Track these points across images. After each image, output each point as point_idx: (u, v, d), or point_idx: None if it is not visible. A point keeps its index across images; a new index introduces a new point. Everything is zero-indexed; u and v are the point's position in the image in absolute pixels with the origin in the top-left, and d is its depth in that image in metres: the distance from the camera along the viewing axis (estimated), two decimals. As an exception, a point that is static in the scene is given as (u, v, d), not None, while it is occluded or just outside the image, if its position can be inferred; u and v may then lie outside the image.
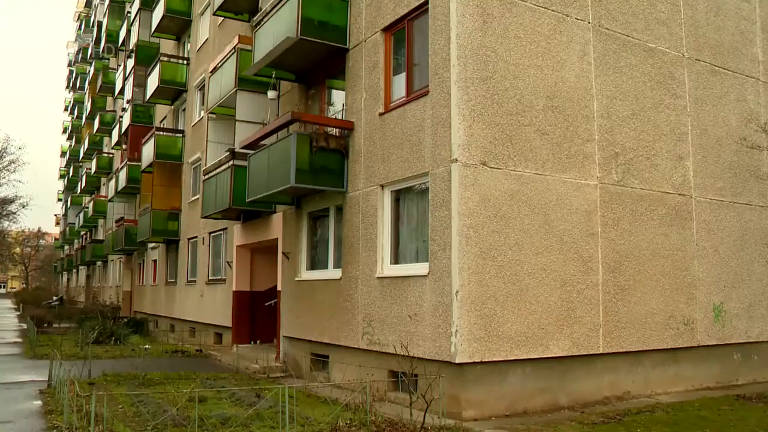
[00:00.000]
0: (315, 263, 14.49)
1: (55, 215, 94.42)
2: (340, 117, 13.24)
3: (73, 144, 65.54)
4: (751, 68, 14.40)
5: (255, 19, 15.14)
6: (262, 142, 14.43)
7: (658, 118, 12.46)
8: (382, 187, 11.58)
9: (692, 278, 12.64)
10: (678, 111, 12.81)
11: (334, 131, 12.83)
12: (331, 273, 13.26)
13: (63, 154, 77.43)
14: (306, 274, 14.48)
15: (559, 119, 10.91)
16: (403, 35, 11.60)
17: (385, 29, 11.90)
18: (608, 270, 11.28)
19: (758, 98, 14.42)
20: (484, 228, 9.83)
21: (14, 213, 51.88)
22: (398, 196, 11.52)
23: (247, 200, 14.57)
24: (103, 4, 46.44)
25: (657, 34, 12.67)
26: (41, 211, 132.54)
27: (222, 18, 20.41)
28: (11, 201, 50.25)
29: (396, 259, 11.41)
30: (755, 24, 14.63)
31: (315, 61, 13.95)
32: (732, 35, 14.15)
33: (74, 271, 65.38)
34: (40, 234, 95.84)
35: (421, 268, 10.35)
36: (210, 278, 21.29)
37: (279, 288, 15.42)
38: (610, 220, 11.41)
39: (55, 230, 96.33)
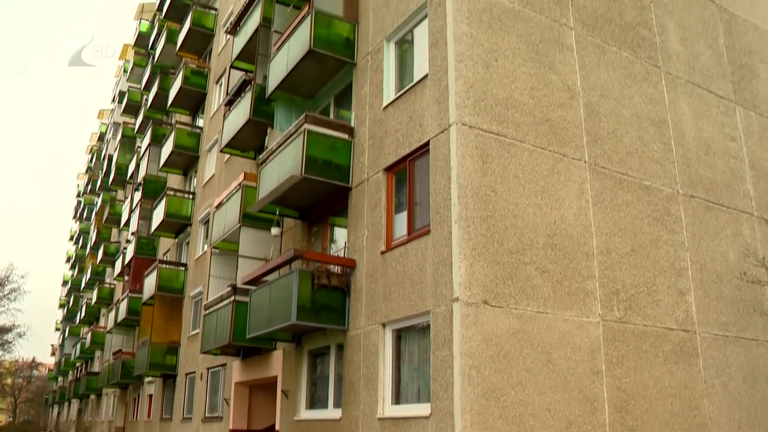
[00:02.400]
0: (315, 402, 14.16)
1: (52, 345, 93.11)
2: (342, 255, 13.38)
3: (75, 273, 65.71)
4: (744, 204, 14.68)
5: (261, 156, 15.62)
6: (264, 279, 14.48)
7: (657, 254, 12.56)
8: (384, 325, 11.52)
9: (703, 418, 12.29)
10: (676, 246, 12.94)
11: (336, 269, 12.92)
12: (331, 413, 12.93)
13: (65, 283, 77.47)
14: (305, 414, 14.11)
15: (559, 257, 11.00)
16: (404, 175, 11.92)
17: (387, 169, 12.25)
18: (615, 410, 10.99)
19: (754, 233, 14.60)
20: (487, 368, 9.68)
21: (10, 342, 51.26)
22: (400, 335, 11.43)
23: (247, 336, 14.45)
24: (115, 139, 48.07)
25: (651, 172, 13.01)
26: (37, 340, 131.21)
27: (228, 155, 21.05)
28: (8, 330, 49.79)
29: (397, 399, 11.16)
30: (744, 162, 15.05)
31: (318, 199, 14.27)
32: (723, 173, 14.53)
33: (66, 404, 63.68)
34: (34, 364, 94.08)
35: (422, 409, 10.11)
36: (206, 415, 20.72)
37: (277, 427, 14.97)
38: (615, 358, 11.24)
39: (50, 361, 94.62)
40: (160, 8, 35.65)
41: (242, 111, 17.79)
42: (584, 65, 12.66)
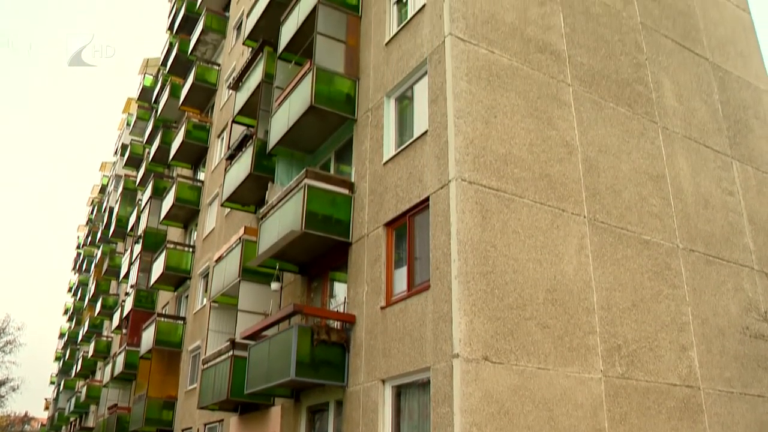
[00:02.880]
0: (314, 459, 13.91)
1: (45, 399, 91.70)
2: (341, 310, 13.32)
3: (72, 326, 65.21)
4: (744, 258, 14.67)
5: (261, 211, 15.68)
6: (264, 334, 14.38)
7: (659, 309, 12.51)
8: (383, 381, 11.38)
9: (709, 477, 12.06)
10: (678, 301, 12.89)
11: (336, 324, 12.84)
12: (331, 471, 12.69)
13: (61, 335, 76.79)
14: (304, 472, 13.85)
15: (560, 312, 10.95)
16: (404, 230, 11.95)
17: (387, 224, 12.29)
18: (620, 469, 10.79)
19: (755, 287, 14.56)
20: (488, 425, 9.54)
21: (2, 396, 50.57)
22: (399, 391, 11.29)
23: (245, 392, 14.26)
24: (117, 191, 48.31)
25: (651, 227, 13.05)
26: (31, 394, 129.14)
27: (229, 209, 21.14)
28: (2, 384, 49.17)
29: (398, 458, 10.97)
30: (742, 216, 15.10)
31: (318, 254, 14.27)
32: (722, 226, 14.57)
33: (60, 460, 62.47)
34: (26, 419, 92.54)
35: (424, 469, 9.93)
36: (203, 473, 20.31)
37: (275, 486, 14.68)
38: (617, 415, 11.09)
39: (43, 415, 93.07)
40: (164, 63, 36.23)
41: (243, 165, 17.93)
42: (582, 121, 12.82)
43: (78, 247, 76.54)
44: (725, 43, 17.34)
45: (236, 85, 20.17)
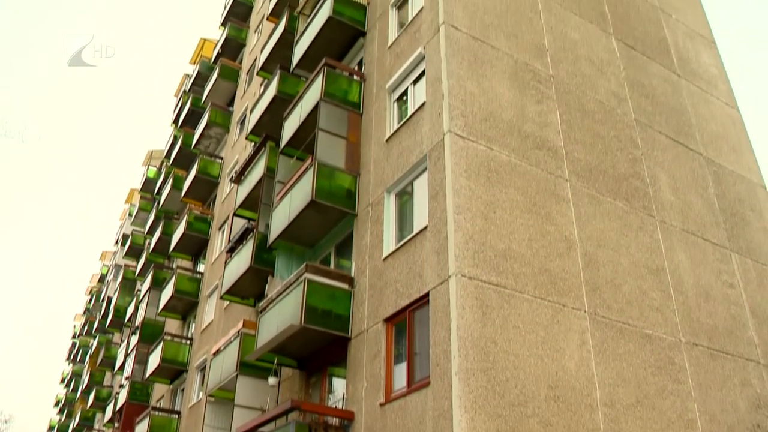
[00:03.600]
0: None
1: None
2: (340, 406, 13.05)
3: (63, 418, 63.68)
4: (749, 351, 14.50)
5: (260, 305, 15.60)
6: (260, 430, 14.05)
7: (664, 405, 12.26)
8: (384, 483, 11.05)
9: None
10: (683, 397, 12.65)
11: (334, 421, 12.56)
12: None
13: (51, 428, 74.83)
14: None
15: (562, 409, 10.74)
16: (404, 325, 11.87)
17: (387, 319, 12.21)
18: None
19: (763, 382, 14.31)
20: None
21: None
22: (400, 493, 10.93)
23: (241, 494, 13.81)
24: (116, 281, 48.18)
25: (652, 321, 12.96)
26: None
27: (228, 302, 21.04)
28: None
29: None
30: (744, 309, 15.02)
31: (317, 349, 14.12)
32: (725, 319, 14.46)
33: None
34: None
35: None
36: None
37: None
38: None
39: None
40: (168, 155, 36.88)
41: (243, 258, 17.98)
42: (580, 216, 12.95)
43: (74, 337, 75.62)
44: (717, 138, 17.72)
45: (238, 178, 20.47)
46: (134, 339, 31.81)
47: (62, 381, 76.69)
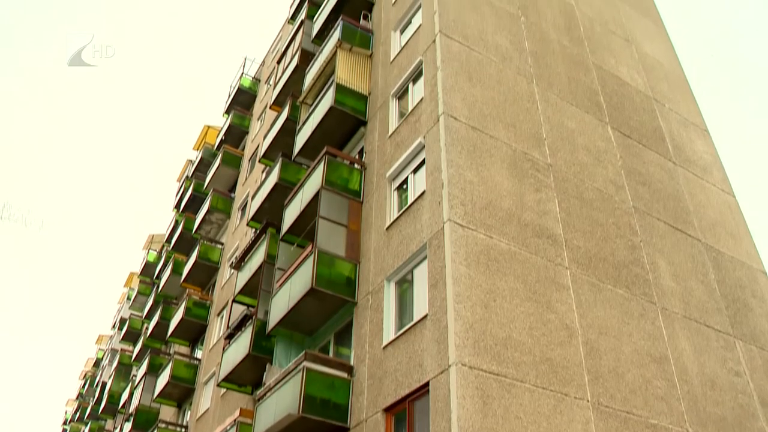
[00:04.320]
0: None
1: None
2: (339, 501, 12.65)
3: None
4: (760, 444, 14.15)
5: (258, 393, 15.33)
6: None
7: (673, 501, 11.88)
8: None
9: None
10: (692, 492, 12.27)
11: None
12: None
13: None
14: None
15: (569, 506, 10.40)
16: (404, 416, 11.63)
17: (387, 409, 11.98)
18: None
19: (775, 476, 13.92)
20: None
21: None
22: None
23: None
24: (111, 365, 47.45)
25: (657, 410, 12.71)
26: None
27: (225, 389, 20.69)
28: None
29: None
30: (752, 398, 14.76)
31: (315, 439, 13.79)
32: (732, 409, 14.17)
33: None
34: None
35: None
36: None
37: None
38: None
39: None
40: (168, 240, 37.02)
41: (242, 345, 17.79)
42: (581, 303, 12.90)
43: (65, 423, 73.86)
44: (715, 225, 17.84)
45: (238, 264, 20.49)
46: (128, 426, 31.09)
47: (52, 470, 74.43)
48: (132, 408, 31.14)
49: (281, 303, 15.54)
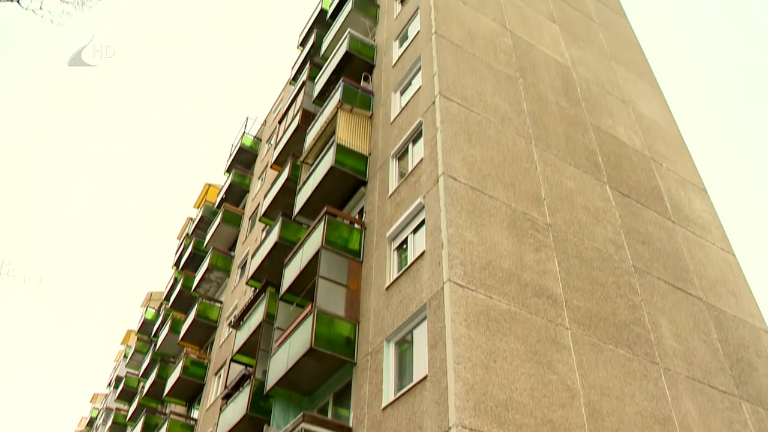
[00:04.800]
0: None
1: None
2: None
3: None
4: None
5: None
6: None
7: None
8: None
9: None
10: None
11: None
12: None
13: None
14: None
15: None
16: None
17: (387, 474, 11.75)
18: None
19: None
20: None
21: None
22: None
23: None
24: (105, 425, 46.67)
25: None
26: None
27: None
28: None
29: None
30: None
31: None
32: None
33: None
34: None
35: None
36: None
37: None
38: None
39: None
40: (167, 298, 36.86)
41: (239, 406, 17.53)
42: (582, 364, 12.76)
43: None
44: (716, 283, 17.78)
45: (237, 323, 20.37)
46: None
47: None
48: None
49: (280, 363, 15.38)
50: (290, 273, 17.29)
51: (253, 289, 22.64)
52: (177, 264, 37.44)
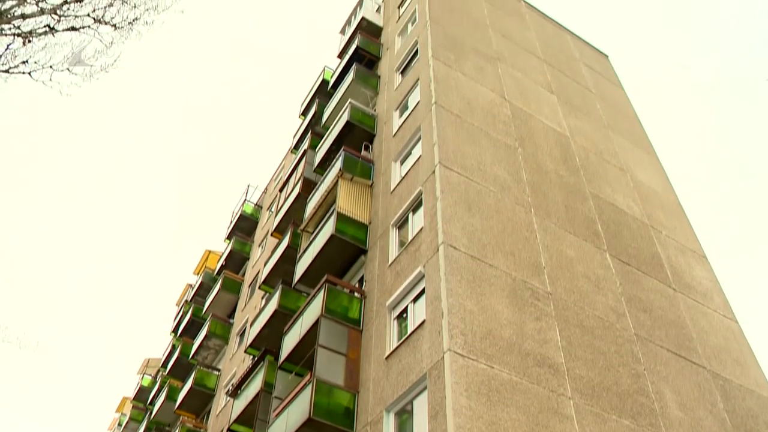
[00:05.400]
0: None
1: None
2: None
3: None
4: None
5: None
6: None
7: None
8: None
9: None
10: None
11: None
12: None
13: None
14: None
15: None
16: None
17: None
18: None
19: None
20: None
21: None
22: None
23: None
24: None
25: None
26: None
27: None
28: None
29: None
30: None
31: None
32: None
33: None
34: None
35: None
36: None
37: None
38: None
39: None
40: (164, 365, 36.39)
41: (237, 478, 17.14)
42: (586, 436, 12.53)
43: None
44: (720, 351, 17.61)
45: (235, 392, 20.09)
46: None
47: None
48: None
49: (278, 433, 15.11)
50: (289, 341, 17.14)
51: (251, 357, 22.40)
52: (175, 330, 37.11)
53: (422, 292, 14.03)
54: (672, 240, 20.28)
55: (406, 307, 14.54)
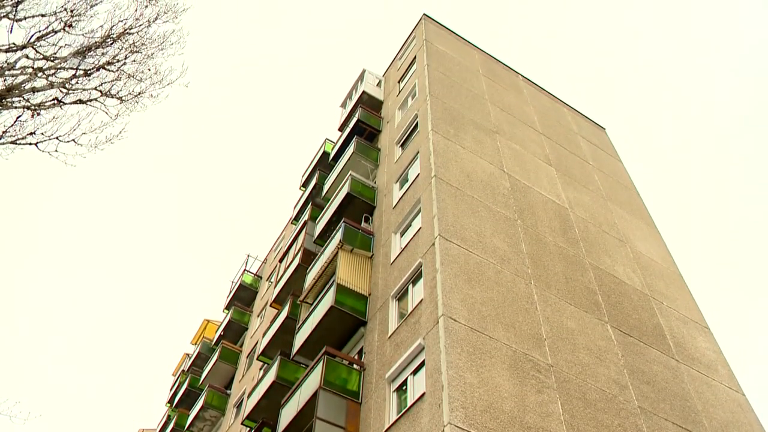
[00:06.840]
0: None
1: None
2: None
3: None
4: None
5: None
6: None
7: None
8: None
9: None
10: None
11: None
12: None
13: None
14: None
15: None
16: None
17: None
18: None
19: None
20: None
21: None
22: None
23: None
24: None
25: None
26: None
27: None
28: None
29: None
30: None
31: None
32: None
33: None
34: None
35: None
36: None
37: None
38: None
39: None
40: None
41: None
42: None
43: None
44: (727, 425, 17.27)
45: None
46: None
47: None
48: None
49: None
50: (287, 413, 16.86)
51: (248, 429, 21.97)
52: (171, 401, 36.50)
53: (422, 364, 13.88)
54: (673, 311, 20.18)
55: (406, 380, 14.36)
